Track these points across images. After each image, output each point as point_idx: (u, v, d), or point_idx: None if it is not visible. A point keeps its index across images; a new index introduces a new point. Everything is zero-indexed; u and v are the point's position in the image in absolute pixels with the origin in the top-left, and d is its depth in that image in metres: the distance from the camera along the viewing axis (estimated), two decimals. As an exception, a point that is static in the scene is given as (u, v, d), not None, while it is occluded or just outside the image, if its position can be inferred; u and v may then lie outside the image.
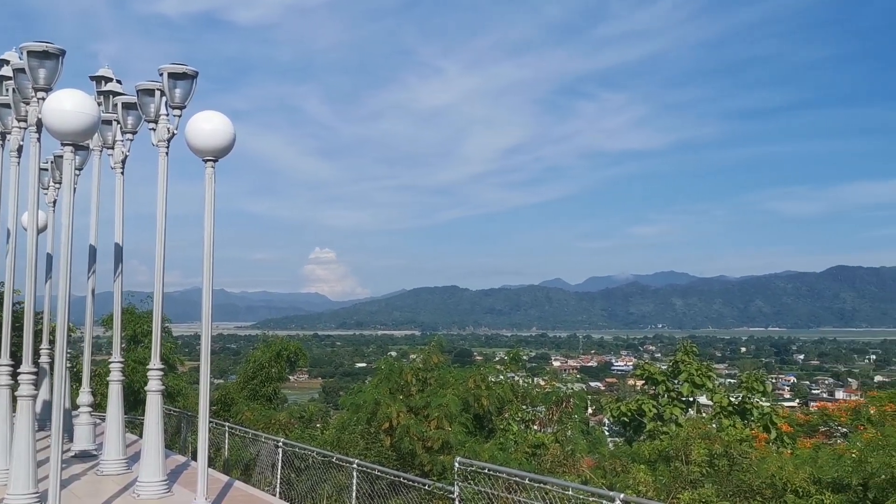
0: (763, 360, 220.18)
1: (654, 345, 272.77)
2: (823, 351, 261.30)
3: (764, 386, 23.84)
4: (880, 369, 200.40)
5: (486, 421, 16.31)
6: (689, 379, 24.45)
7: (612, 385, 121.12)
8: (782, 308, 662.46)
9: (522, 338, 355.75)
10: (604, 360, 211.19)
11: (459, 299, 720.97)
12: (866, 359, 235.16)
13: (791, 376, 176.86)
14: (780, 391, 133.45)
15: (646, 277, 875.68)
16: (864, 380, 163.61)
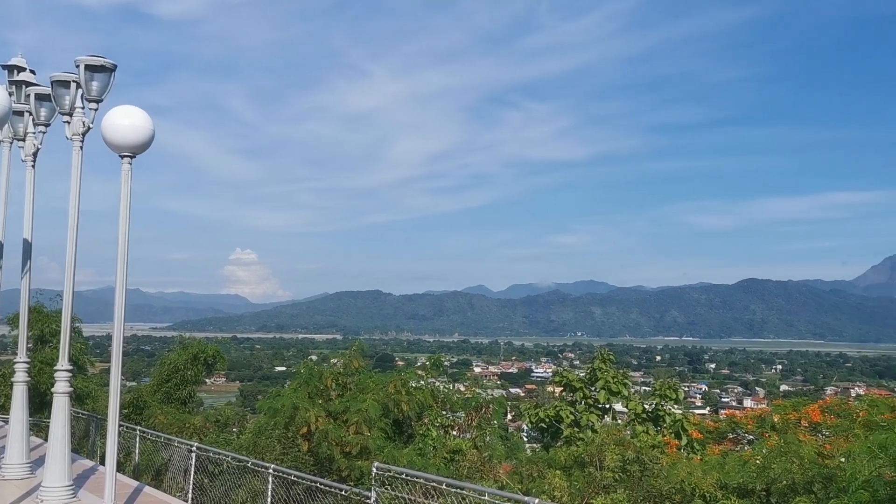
0: (677, 368, 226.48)
1: (573, 352, 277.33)
2: (733, 360, 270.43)
3: (676, 394, 24.44)
4: (786, 379, 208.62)
5: (406, 426, 16.28)
6: (605, 386, 24.89)
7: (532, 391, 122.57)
8: (696, 318, 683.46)
9: (445, 343, 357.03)
10: (524, 367, 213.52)
11: (382, 304, 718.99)
12: (773, 368, 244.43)
13: (703, 384, 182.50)
14: (693, 399, 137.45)
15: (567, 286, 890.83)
16: (771, 389, 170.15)
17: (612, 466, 11.01)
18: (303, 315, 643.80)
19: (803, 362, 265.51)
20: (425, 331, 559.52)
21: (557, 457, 14.05)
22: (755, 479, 8.96)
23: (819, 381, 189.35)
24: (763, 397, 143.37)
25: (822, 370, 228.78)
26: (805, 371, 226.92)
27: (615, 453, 11.24)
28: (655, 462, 11.25)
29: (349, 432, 14.04)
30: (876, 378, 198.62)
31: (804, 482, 8.31)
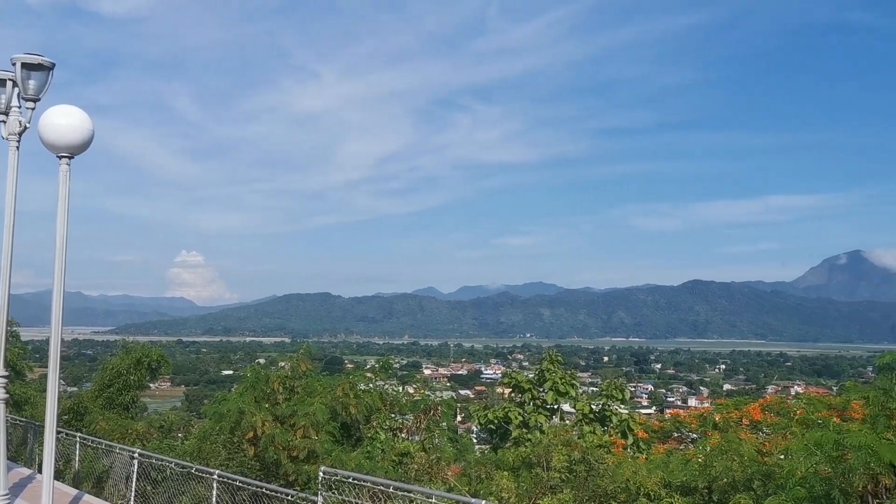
0: (624, 368, 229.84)
1: (522, 353, 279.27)
2: (678, 361, 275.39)
3: (623, 394, 24.76)
4: (729, 378, 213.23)
5: (354, 429, 16.19)
6: (553, 387, 25.10)
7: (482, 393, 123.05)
8: (642, 319, 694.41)
9: (394, 346, 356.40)
10: (474, 369, 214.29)
11: (332, 306, 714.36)
12: (717, 368, 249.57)
13: (649, 384, 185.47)
14: (639, 399, 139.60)
15: (516, 288, 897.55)
16: (714, 388, 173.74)
17: (558, 467, 11.11)
18: (250, 318, 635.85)
19: (745, 362, 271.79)
20: (375, 333, 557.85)
21: (505, 458, 14.11)
22: (697, 477, 9.13)
23: (760, 380, 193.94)
24: (707, 396, 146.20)
25: (763, 369, 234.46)
26: (747, 370, 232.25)
27: (562, 454, 11.34)
28: (601, 462, 11.38)
29: (296, 436, 13.89)
30: (814, 377, 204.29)
31: (744, 479, 8.49)
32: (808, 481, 6.74)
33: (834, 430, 6.88)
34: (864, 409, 7.48)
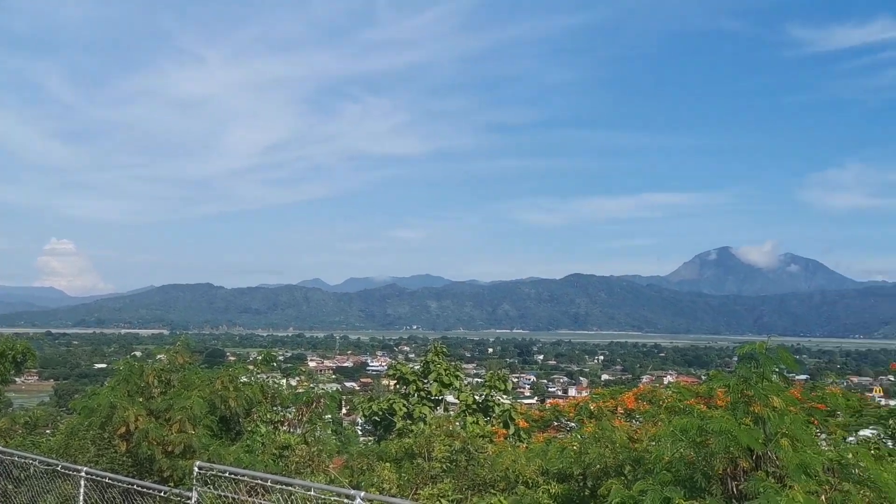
0: (508, 360, 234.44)
1: (408, 345, 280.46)
2: (560, 352, 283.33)
3: (505, 385, 25.26)
4: (607, 368, 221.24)
5: (234, 423, 15.79)
6: (438, 378, 25.35)
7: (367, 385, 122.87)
8: (526, 311, 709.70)
9: (279, 338, 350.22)
10: (360, 361, 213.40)
11: (213, 297, 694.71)
12: (595, 359, 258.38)
13: (532, 375, 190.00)
14: (522, 389, 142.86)
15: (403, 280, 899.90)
16: (593, 378, 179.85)
17: (439, 457, 11.21)
18: (126, 309, 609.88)
19: (623, 353, 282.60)
20: (259, 325, 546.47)
21: (388, 449, 14.11)
22: (573, 464, 9.42)
23: (636, 369, 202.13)
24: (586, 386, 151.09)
25: (639, 360, 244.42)
26: (624, 361, 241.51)
27: (443, 444, 11.46)
28: (481, 451, 11.57)
29: (172, 431, 13.41)
30: (685, 366, 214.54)
31: (616, 465, 8.82)
32: (674, 465, 7.06)
33: (698, 417, 7.24)
34: (727, 396, 7.89)
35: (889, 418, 17.43)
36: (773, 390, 7.35)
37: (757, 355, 7.35)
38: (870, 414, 19.11)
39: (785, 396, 7.53)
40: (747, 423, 6.99)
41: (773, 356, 7.42)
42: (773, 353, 7.44)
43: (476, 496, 10.07)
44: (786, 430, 7.18)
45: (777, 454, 6.93)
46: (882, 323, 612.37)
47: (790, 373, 8.09)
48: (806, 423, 7.62)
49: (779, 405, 7.24)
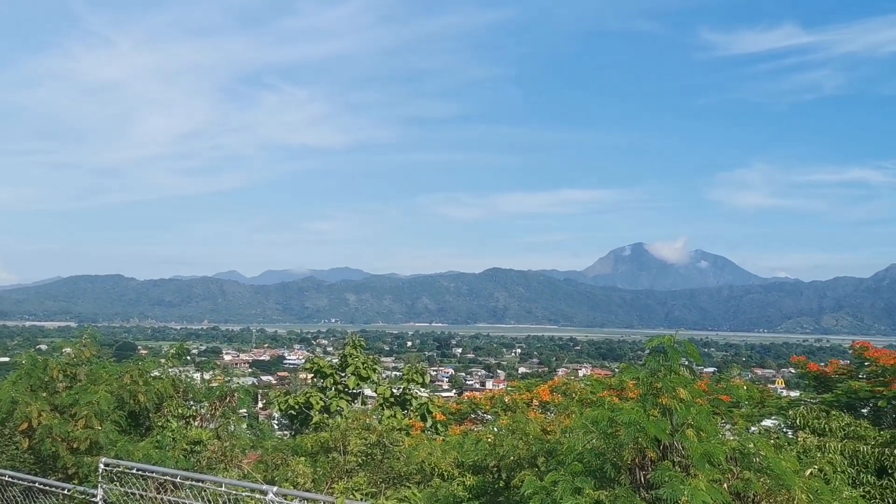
0: (426, 353, 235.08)
1: (326, 339, 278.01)
2: (478, 345, 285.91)
3: (423, 378, 25.31)
4: (524, 361, 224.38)
5: (144, 418, 15.36)
6: (355, 372, 25.20)
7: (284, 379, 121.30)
8: (445, 305, 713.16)
9: (193, 331, 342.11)
10: (277, 354, 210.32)
11: (124, 289, 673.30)
12: (513, 352, 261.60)
13: (450, 368, 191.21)
14: (440, 382, 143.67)
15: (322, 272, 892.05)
16: (510, 371, 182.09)
17: (355, 451, 11.16)
18: (30, 301, 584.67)
19: (539, 346, 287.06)
20: (172, 318, 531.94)
21: (304, 443, 13.96)
22: (487, 456, 9.51)
23: (552, 362, 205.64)
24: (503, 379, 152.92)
25: (555, 353, 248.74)
26: (541, 354, 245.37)
27: (359, 438, 11.41)
28: (396, 444, 11.57)
29: (77, 427, 12.96)
30: (600, 359, 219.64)
31: (529, 457, 8.94)
32: (585, 456, 7.21)
33: (608, 409, 7.41)
34: (637, 388, 8.09)
35: (789, 409, 18.25)
36: (680, 382, 7.57)
37: (665, 348, 7.56)
38: (771, 405, 19.99)
39: (692, 388, 7.77)
40: (655, 414, 7.19)
41: (681, 349, 7.65)
42: (681, 347, 7.67)
43: (391, 489, 10.06)
44: (692, 420, 7.41)
45: (683, 444, 7.15)
46: (784, 318, 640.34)
47: (698, 365, 8.35)
48: (711, 414, 7.89)
49: (685, 397, 7.46)
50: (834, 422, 16.09)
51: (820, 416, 16.38)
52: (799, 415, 16.67)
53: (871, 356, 18.53)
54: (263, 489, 7.90)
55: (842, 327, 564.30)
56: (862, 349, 19.10)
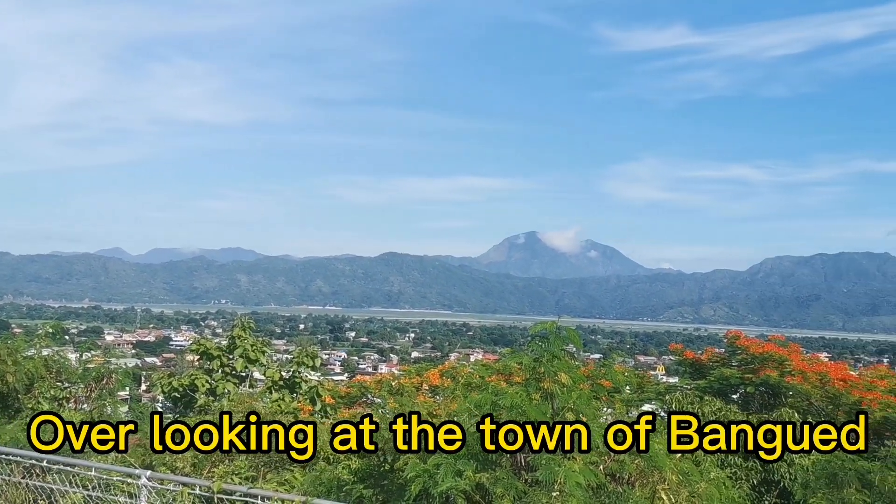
0: (319, 336, 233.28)
1: (216, 320, 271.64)
2: (372, 329, 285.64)
3: (314, 361, 25.05)
4: (417, 346, 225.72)
5: (12, 400, 14.59)
6: (244, 354, 24.71)
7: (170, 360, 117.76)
8: (340, 288, 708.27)
9: (73, 309, 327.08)
10: (162, 335, 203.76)
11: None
12: (407, 336, 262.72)
13: (343, 352, 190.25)
14: (332, 366, 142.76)
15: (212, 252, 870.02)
16: (404, 355, 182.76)
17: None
18: None
19: (433, 331, 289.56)
20: (50, 295, 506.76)
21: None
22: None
23: (445, 347, 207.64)
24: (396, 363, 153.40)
25: (448, 338, 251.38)
26: (434, 339, 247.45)
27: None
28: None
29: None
30: (492, 344, 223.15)
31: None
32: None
33: (492, 393, 7.52)
34: (523, 373, 8.24)
35: (666, 394, 19.05)
36: (562, 368, 7.76)
37: (548, 334, 7.74)
38: (650, 390, 20.80)
39: (573, 373, 7.98)
40: (537, 398, 7.36)
41: (563, 335, 7.84)
42: (563, 333, 7.86)
43: (271, 472, 9.90)
44: (572, 405, 7.62)
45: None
46: (667, 307, 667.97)
47: (583, 351, 8.60)
48: (591, 398, 8.13)
49: (567, 381, 7.66)
50: (706, 407, 16.91)
51: (694, 401, 17.17)
52: (675, 400, 17.44)
53: (741, 345, 19.50)
54: (136, 473, 7.62)
55: (719, 317, 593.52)
56: (734, 338, 20.08)
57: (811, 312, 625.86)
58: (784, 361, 18.23)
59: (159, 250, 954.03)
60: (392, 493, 8.56)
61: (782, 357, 18.39)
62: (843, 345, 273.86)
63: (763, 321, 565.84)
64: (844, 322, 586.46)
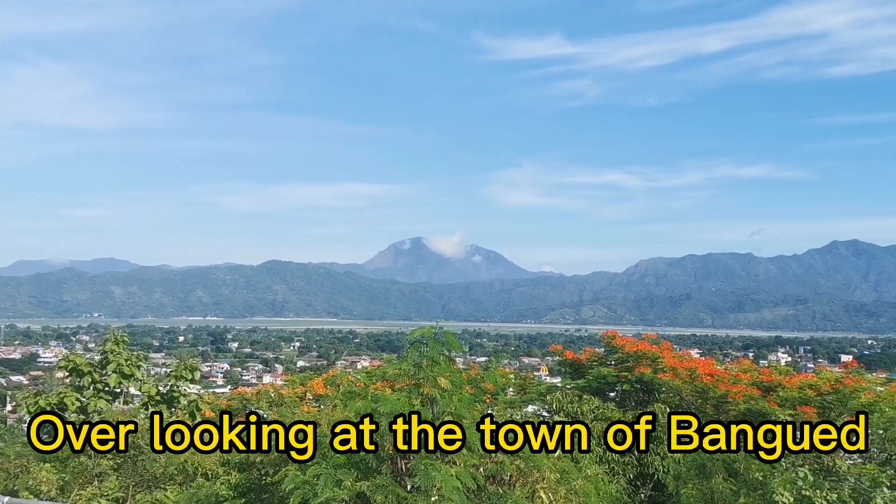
0: (200, 348, 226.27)
1: (88, 334, 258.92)
2: (255, 339, 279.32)
3: (193, 374, 24.27)
4: (303, 355, 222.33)
5: None
6: (117, 369, 23.67)
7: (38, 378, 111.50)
8: (221, 298, 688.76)
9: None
10: (29, 352, 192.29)
11: None
12: (291, 345, 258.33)
13: (225, 363, 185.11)
14: (215, 378, 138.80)
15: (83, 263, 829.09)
16: (289, 365, 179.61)
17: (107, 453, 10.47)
18: None
19: (319, 339, 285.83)
20: None
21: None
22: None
23: (332, 355, 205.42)
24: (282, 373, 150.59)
25: (334, 346, 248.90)
26: (320, 347, 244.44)
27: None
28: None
29: None
30: (379, 351, 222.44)
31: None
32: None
33: (371, 400, 7.51)
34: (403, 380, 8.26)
35: (547, 394, 19.52)
36: (442, 372, 7.84)
37: (426, 339, 7.80)
38: (532, 391, 21.25)
39: (455, 378, 8.07)
40: (417, 404, 7.39)
41: (442, 340, 7.92)
42: (442, 337, 7.94)
43: (143, 492, 9.53)
44: (453, 409, 7.70)
45: (443, 432, 7.40)
46: (549, 309, 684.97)
47: (472, 355, 8.69)
48: (473, 401, 8.24)
49: (447, 386, 7.74)
50: (585, 405, 17.46)
51: (573, 400, 17.68)
52: (555, 400, 17.90)
53: (617, 344, 20.21)
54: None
55: (598, 318, 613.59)
56: (610, 338, 20.77)
57: (683, 311, 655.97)
58: (657, 359, 19.02)
59: (25, 262, 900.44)
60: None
61: (655, 355, 19.19)
62: (712, 341, 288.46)
63: (639, 320, 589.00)
64: (713, 319, 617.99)
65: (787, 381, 18.40)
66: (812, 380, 18.24)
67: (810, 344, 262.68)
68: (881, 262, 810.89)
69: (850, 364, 19.43)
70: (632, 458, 16.26)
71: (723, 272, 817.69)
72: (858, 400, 15.85)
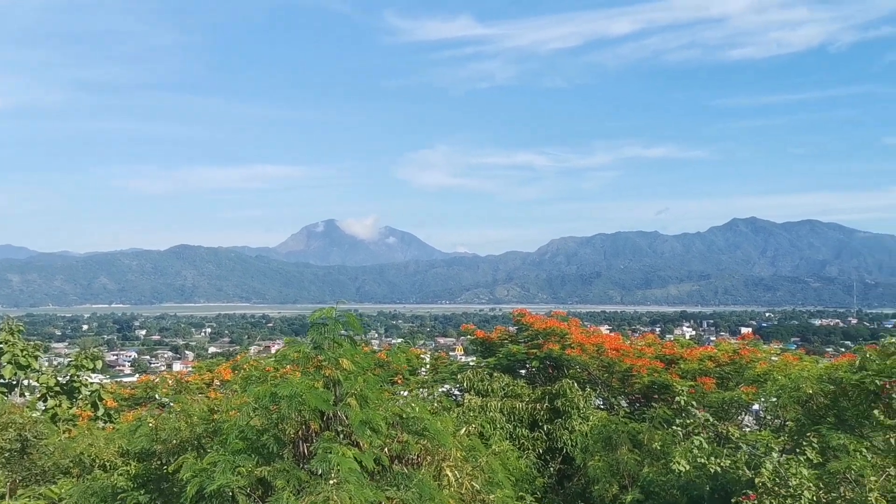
0: (105, 336, 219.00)
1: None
2: (164, 326, 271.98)
3: (95, 363, 23.50)
4: (214, 341, 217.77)
5: None
6: (13, 360, 22.71)
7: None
8: (127, 285, 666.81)
9: None
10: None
11: None
12: (202, 332, 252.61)
13: (133, 352, 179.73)
14: (122, 367, 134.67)
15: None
16: (200, 351, 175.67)
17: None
18: None
19: (231, 324, 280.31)
20: None
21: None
22: (152, 441, 9.03)
23: (244, 341, 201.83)
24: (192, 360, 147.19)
25: (247, 331, 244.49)
26: (232, 332, 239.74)
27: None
28: (41, 438, 10.55)
29: None
30: (293, 335, 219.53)
31: (193, 439, 8.64)
32: (247, 433, 7.10)
33: (271, 384, 7.36)
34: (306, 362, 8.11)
35: (458, 373, 19.69)
36: (345, 354, 7.74)
37: (327, 321, 7.68)
38: (443, 371, 21.41)
39: (361, 359, 7.99)
40: (318, 386, 7.28)
41: (343, 321, 7.81)
42: (343, 319, 7.83)
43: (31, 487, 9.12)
44: (357, 390, 7.62)
45: (346, 414, 7.32)
46: (464, 289, 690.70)
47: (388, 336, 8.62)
48: (379, 382, 8.18)
49: (349, 367, 7.65)
50: (496, 383, 17.70)
51: (484, 378, 17.90)
52: (466, 378, 18.09)
53: (527, 322, 20.52)
54: None
55: (512, 297, 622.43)
56: (520, 316, 21.08)
57: (593, 288, 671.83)
58: (565, 335, 19.42)
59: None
60: (171, 496, 8.18)
61: (563, 331, 19.58)
62: (621, 317, 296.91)
63: (552, 299, 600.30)
64: (622, 296, 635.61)
65: (688, 353, 19.10)
66: (711, 352, 19.01)
67: (713, 318, 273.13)
68: (777, 238, 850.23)
69: (746, 336, 20.29)
70: (541, 434, 16.58)
71: (631, 250, 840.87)
72: (754, 370, 16.57)
